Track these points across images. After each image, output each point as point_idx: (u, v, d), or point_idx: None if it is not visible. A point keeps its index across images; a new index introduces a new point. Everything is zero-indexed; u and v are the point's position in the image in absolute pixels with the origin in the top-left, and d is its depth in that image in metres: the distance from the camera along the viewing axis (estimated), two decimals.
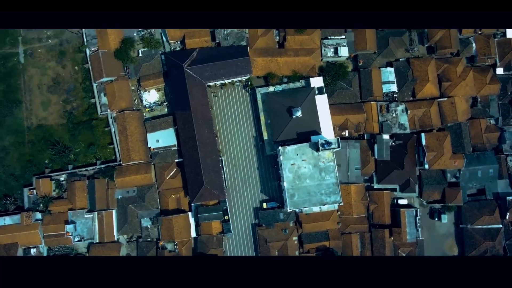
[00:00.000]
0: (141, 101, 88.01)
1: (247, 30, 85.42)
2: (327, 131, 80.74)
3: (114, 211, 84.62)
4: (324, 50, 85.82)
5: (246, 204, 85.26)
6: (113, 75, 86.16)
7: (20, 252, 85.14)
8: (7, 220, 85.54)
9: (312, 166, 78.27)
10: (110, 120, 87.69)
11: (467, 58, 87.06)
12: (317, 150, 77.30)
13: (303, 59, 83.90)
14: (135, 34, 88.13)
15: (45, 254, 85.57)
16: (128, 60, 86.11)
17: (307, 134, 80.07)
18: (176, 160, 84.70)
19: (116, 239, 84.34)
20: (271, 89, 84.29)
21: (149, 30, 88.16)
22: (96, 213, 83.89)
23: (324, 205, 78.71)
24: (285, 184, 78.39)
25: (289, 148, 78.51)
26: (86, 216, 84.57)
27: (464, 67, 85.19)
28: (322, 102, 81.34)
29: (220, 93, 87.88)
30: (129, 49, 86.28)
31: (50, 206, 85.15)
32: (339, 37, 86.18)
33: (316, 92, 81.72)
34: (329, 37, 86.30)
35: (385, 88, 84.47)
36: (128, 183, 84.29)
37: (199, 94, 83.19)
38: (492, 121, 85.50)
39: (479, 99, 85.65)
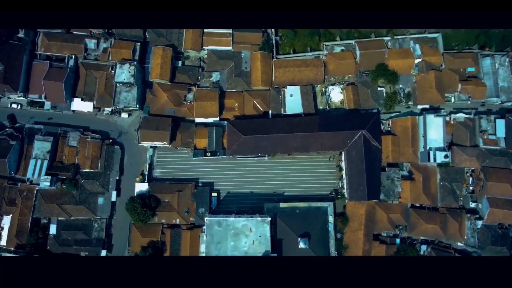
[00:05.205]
0: (325, 83, 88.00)
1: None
2: None
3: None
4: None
5: (220, 180, 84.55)
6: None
7: None
8: None
9: (249, 247, 76.35)
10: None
11: None
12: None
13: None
14: None
15: None
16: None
17: (280, 242, 77.36)
18: (269, 110, 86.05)
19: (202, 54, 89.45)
20: (330, 218, 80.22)
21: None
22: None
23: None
24: (231, 219, 77.60)
25: (266, 226, 76.76)
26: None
27: None
28: None
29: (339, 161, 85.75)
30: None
31: None
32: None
33: None
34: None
35: None
36: (255, 70, 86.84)
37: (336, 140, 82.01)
38: None
39: None
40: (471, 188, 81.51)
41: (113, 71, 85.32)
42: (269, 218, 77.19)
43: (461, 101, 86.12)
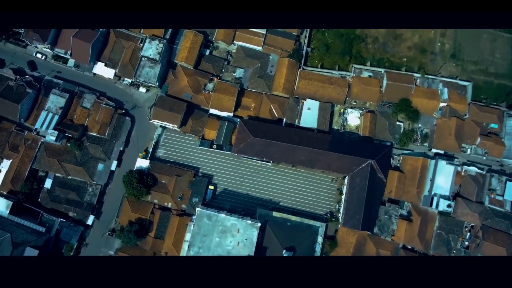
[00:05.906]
0: (346, 104, 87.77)
1: None
2: None
3: (238, 45, 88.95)
4: None
5: (219, 175, 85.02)
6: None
7: None
8: None
9: (233, 248, 76.27)
10: (349, 78, 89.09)
11: None
12: None
13: None
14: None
15: None
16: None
17: (264, 250, 77.63)
18: (283, 118, 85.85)
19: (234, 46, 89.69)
20: (319, 239, 79.51)
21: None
22: None
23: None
24: (221, 216, 77.60)
25: (255, 231, 76.72)
26: None
27: None
28: None
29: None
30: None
31: None
32: None
33: None
34: None
35: None
36: (279, 76, 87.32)
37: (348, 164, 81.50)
38: None
39: None
40: (466, 243, 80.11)
41: (141, 44, 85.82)
42: (259, 224, 77.02)
43: (477, 154, 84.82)
